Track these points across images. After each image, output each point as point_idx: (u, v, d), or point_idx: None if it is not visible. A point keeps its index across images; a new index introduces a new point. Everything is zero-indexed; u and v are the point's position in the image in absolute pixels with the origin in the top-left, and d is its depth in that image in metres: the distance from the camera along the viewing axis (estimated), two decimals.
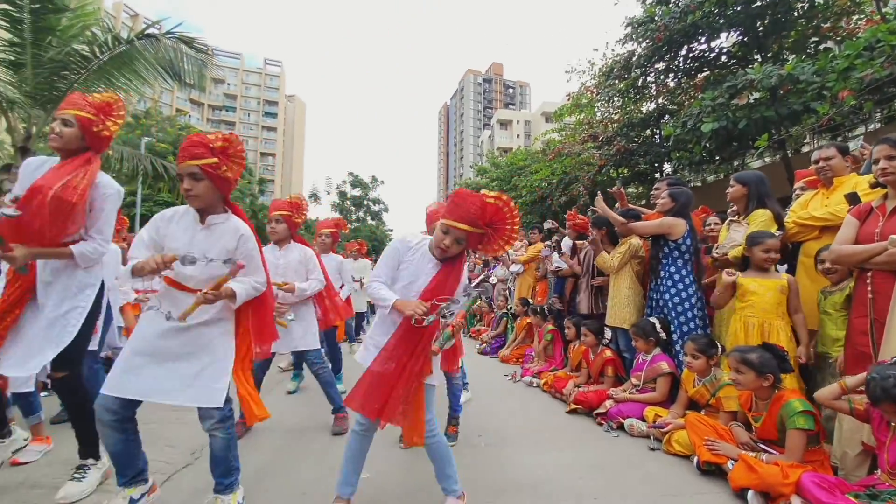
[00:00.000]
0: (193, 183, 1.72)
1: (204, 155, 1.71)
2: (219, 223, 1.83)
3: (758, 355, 2.21)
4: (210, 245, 1.80)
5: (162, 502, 1.95)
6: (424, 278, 1.83)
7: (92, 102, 2.03)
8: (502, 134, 56.48)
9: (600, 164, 10.72)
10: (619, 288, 3.61)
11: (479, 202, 1.72)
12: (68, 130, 1.97)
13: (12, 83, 6.59)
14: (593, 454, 2.58)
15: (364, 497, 1.93)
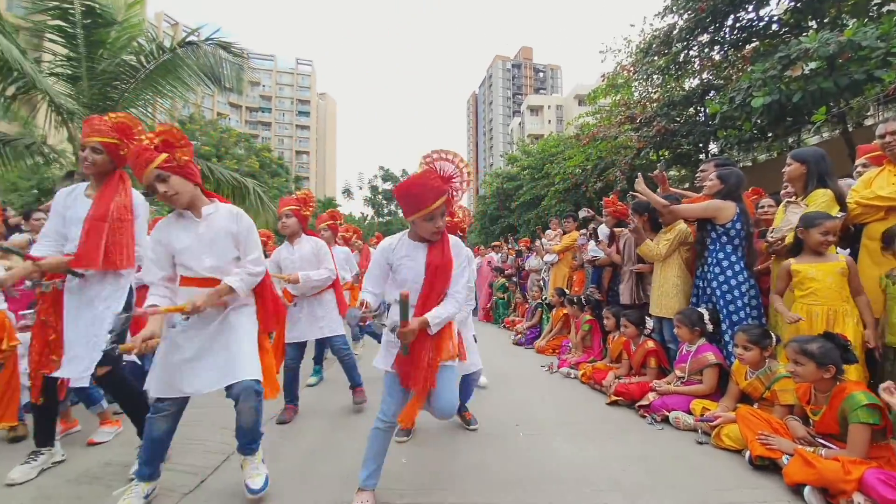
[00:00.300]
0: (165, 184, 1.80)
1: (153, 158, 1.77)
2: (212, 212, 1.94)
3: (818, 345, 2.07)
4: (214, 234, 1.90)
5: (221, 481, 2.11)
6: (422, 264, 1.83)
7: (113, 126, 2.17)
8: (533, 120, 55.17)
9: (639, 147, 10.26)
10: (666, 276, 3.44)
11: (433, 173, 1.78)
12: (99, 157, 2.16)
13: (71, 95, 7.10)
14: (636, 447, 2.52)
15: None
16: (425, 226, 1.78)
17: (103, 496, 1.98)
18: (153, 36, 7.36)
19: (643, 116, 10.35)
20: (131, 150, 1.84)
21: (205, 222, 1.91)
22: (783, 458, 2.05)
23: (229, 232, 1.92)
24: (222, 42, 7.23)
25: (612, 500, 1.95)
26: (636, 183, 3.41)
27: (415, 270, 1.84)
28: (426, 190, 1.73)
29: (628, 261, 4.16)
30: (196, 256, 1.87)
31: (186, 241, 1.87)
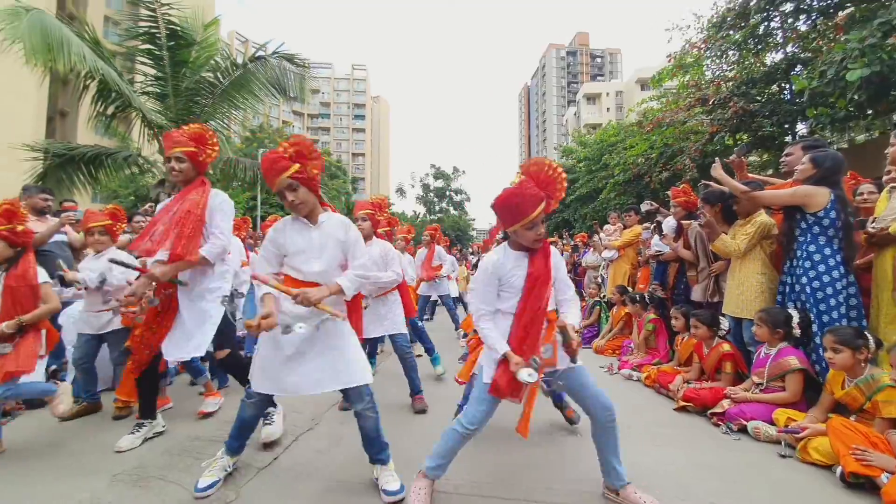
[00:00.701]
0: (294, 194, 1.91)
1: (287, 167, 1.86)
2: (325, 220, 2.03)
3: None
4: (325, 240, 1.99)
5: (292, 458, 2.31)
6: (521, 274, 1.84)
7: (191, 136, 2.41)
8: (589, 109, 52.77)
9: (711, 132, 9.45)
10: (749, 273, 3.12)
11: (527, 183, 1.78)
12: (183, 165, 2.41)
13: (159, 111, 7.95)
14: (709, 455, 2.36)
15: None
16: (527, 234, 1.79)
17: (191, 467, 2.21)
18: (227, 54, 8.05)
19: (717, 97, 9.46)
20: (267, 156, 1.93)
21: (318, 229, 2.01)
22: (882, 477, 1.82)
23: (339, 240, 2.01)
24: (286, 54, 7.73)
25: None
26: (713, 169, 3.13)
27: (520, 281, 1.86)
28: (525, 199, 1.75)
29: (703, 258, 3.84)
30: (307, 260, 1.97)
31: (300, 244, 1.98)
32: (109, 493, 1.97)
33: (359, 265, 2.01)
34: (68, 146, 7.65)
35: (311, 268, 1.96)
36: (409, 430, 2.76)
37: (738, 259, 3.21)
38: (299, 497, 1.95)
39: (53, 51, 5.76)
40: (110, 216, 3.19)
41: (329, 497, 1.97)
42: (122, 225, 3.35)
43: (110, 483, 2.05)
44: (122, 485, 2.04)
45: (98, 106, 7.33)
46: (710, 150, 9.54)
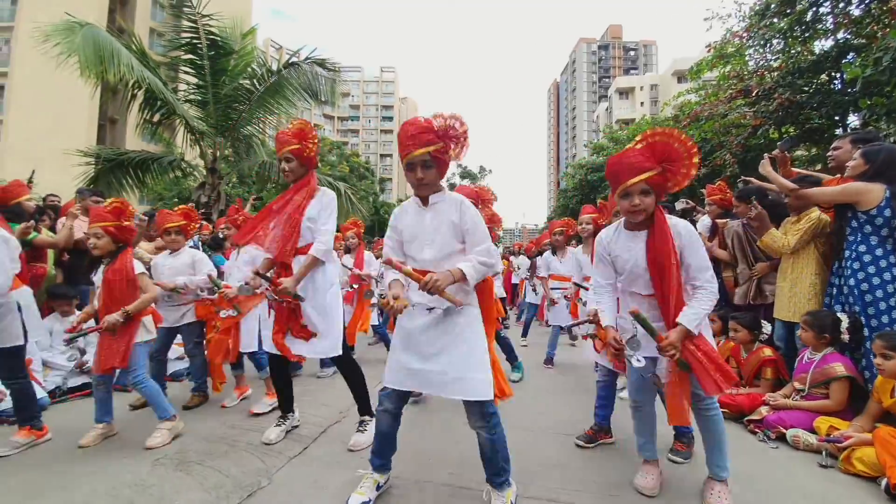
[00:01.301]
0: (425, 171, 1.71)
1: (432, 141, 1.67)
2: (439, 201, 1.81)
3: None
4: (437, 224, 1.79)
5: (322, 449, 2.40)
6: (642, 257, 1.77)
7: (293, 133, 2.46)
8: (622, 104, 51.22)
9: (754, 125, 8.96)
10: (801, 275, 2.96)
11: (637, 150, 1.71)
12: (292, 165, 2.44)
13: (200, 118, 8.38)
14: (744, 464, 2.25)
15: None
16: (622, 203, 1.74)
17: (228, 453, 2.35)
18: (263, 61, 8.39)
19: (761, 88, 8.97)
20: (409, 126, 1.72)
21: (430, 211, 1.81)
22: None
23: (452, 222, 1.76)
24: (318, 59, 7.99)
25: None
26: (761, 165, 3.02)
27: (636, 262, 1.79)
28: (622, 168, 1.71)
29: (741, 258, 3.67)
30: (419, 247, 1.81)
31: (412, 230, 1.83)
32: (152, 475, 2.11)
33: (481, 251, 1.73)
34: (118, 151, 8.22)
35: (422, 255, 1.78)
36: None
37: (790, 259, 3.04)
38: (329, 486, 2.02)
39: (105, 62, 6.20)
40: (184, 216, 3.39)
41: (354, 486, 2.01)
42: (194, 225, 3.54)
43: (153, 467, 2.20)
44: (164, 468, 2.18)
45: (145, 114, 7.83)
46: (752, 145, 9.07)
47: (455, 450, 2.39)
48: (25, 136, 19.46)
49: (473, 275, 1.68)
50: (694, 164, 1.69)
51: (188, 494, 1.93)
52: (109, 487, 1.97)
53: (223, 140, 8.57)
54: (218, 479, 2.05)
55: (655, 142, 1.71)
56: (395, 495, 1.95)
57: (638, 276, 1.80)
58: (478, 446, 1.79)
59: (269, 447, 2.43)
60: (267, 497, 1.93)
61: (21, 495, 1.92)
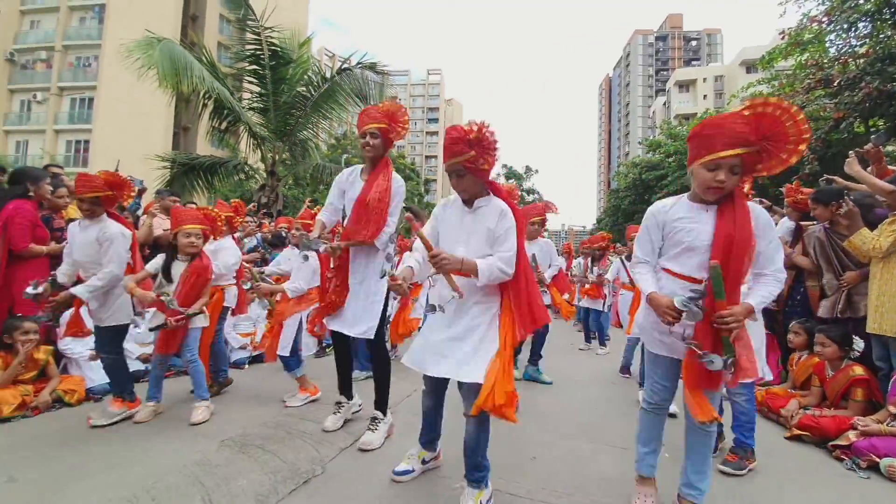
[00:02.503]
0: (458, 180, 1.80)
1: (463, 151, 1.72)
2: (482, 206, 1.84)
3: None
4: (475, 226, 1.84)
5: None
6: (707, 232, 1.59)
7: (384, 112, 2.49)
8: (681, 98, 48.32)
9: (836, 118, 8.12)
10: (890, 282, 2.64)
11: (741, 118, 1.52)
12: (376, 141, 2.43)
13: (261, 124, 8.89)
14: (823, 493, 2.05)
15: None
16: (703, 175, 1.56)
17: (285, 439, 2.46)
18: (318, 69, 8.76)
19: (844, 77, 8.13)
20: (449, 133, 1.78)
21: (472, 214, 1.86)
22: None
23: (487, 227, 1.80)
24: (368, 63, 8.21)
25: None
26: (847, 164, 2.69)
27: (699, 237, 1.60)
28: (721, 132, 1.51)
29: (825, 267, 3.30)
30: (452, 244, 1.84)
31: (451, 226, 1.90)
32: (218, 455, 2.23)
33: (505, 257, 1.74)
34: (190, 156, 8.89)
35: (455, 250, 1.80)
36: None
37: (880, 264, 2.72)
38: (376, 478, 2.06)
39: (180, 74, 6.74)
40: (234, 210, 3.71)
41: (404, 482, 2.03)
42: (240, 219, 3.83)
43: (219, 447, 2.33)
44: (229, 450, 2.31)
45: (214, 121, 8.42)
46: (834, 140, 8.21)
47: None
48: (110, 144, 21.68)
49: (486, 272, 1.70)
50: (799, 151, 1.49)
51: (250, 476, 2.02)
52: (180, 465, 2.10)
53: (281, 144, 9.04)
54: (276, 465, 2.14)
55: (766, 113, 1.49)
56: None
57: (696, 254, 1.61)
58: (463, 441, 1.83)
59: (324, 436, 2.50)
60: (320, 484, 2.00)
61: (103, 464, 2.10)
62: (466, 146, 1.71)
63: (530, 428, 2.74)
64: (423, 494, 1.95)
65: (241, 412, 2.90)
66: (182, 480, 1.96)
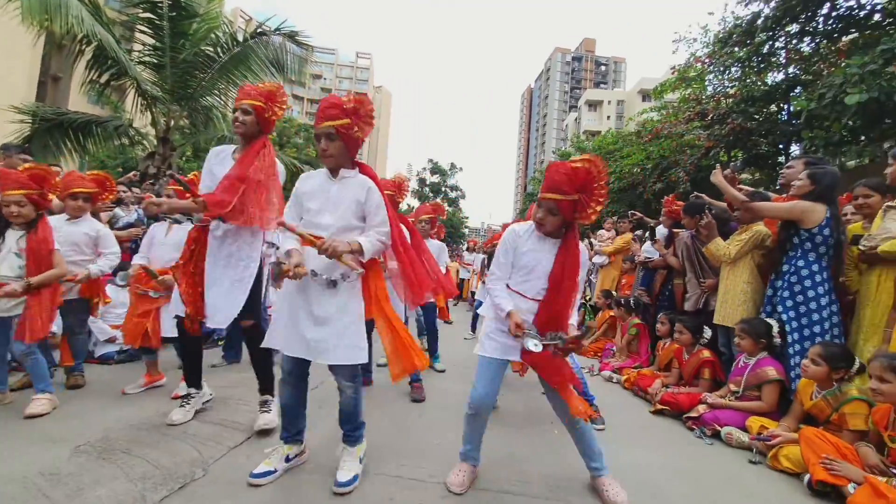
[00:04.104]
0: (329, 143, 1.82)
1: (338, 116, 1.78)
2: (349, 177, 1.90)
3: None
4: (342, 196, 1.87)
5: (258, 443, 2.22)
6: (546, 262, 1.85)
7: (261, 91, 2.32)
8: (590, 116, 53.04)
9: (707, 147, 9.51)
10: (735, 282, 3.15)
11: (566, 168, 1.75)
12: (248, 118, 2.29)
13: (155, 82, 7.78)
14: (681, 459, 2.37)
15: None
16: (536, 209, 1.84)
17: (159, 442, 2.17)
18: (228, 28, 7.90)
19: (716, 113, 9.49)
20: (325, 100, 1.84)
21: (338, 184, 1.89)
22: (849, 486, 1.85)
23: (357, 201, 1.86)
24: (289, 32, 7.61)
25: None
26: (713, 175, 3.12)
27: (535, 263, 1.86)
28: (547, 178, 1.77)
29: (688, 267, 3.86)
30: (319, 213, 1.86)
31: (317, 196, 1.89)
32: (70, 463, 1.91)
33: (382, 231, 1.85)
34: (57, 111, 7.47)
35: (322, 220, 1.84)
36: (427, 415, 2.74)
37: (728, 267, 3.23)
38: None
39: (51, 11, 5.61)
40: (98, 183, 3.08)
41: (295, 480, 1.93)
42: (107, 194, 3.26)
43: (72, 454, 2.00)
44: (85, 456, 1.99)
45: (92, 73, 7.17)
46: (704, 165, 9.60)
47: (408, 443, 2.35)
48: None
49: (370, 248, 1.80)
50: (596, 212, 1.73)
51: (111, 484, 1.75)
52: (20, 476, 1.76)
53: (178, 108, 8.00)
54: (146, 470, 1.88)
55: (583, 168, 1.71)
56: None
57: (536, 278, 1.86)
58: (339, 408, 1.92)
59: (210, 436, 2.26)
60: (201, 489, 1.80)
61: None
62: (342, 113, 1.78)
63: (434, 414, 2.79)
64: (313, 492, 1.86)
65: (105, 413, 2.52)
66: (21, 493, 1.65)
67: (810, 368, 2.34)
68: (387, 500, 1.80)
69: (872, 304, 2.56)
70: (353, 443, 1.95)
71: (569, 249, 1.83)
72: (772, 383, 2.67)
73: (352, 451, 1.94)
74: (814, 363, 2.33)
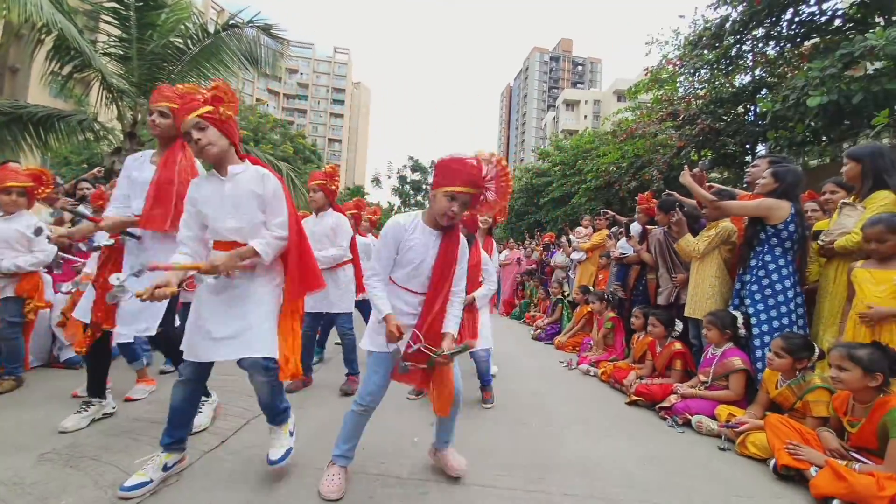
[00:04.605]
0: (202, 133, 1.74)
1: (197, 106, 1.74)
2: (240, 172, 1.82)
3: (868, 352, 1.97)
4: (238, 192, 1.79)
5: (233, 447, 2.19)
6: (431, 255, 1.80)
7: (178, 93, 2.22)
8: (568, 115, 53.86)
9: (679, 146, 9.80)
10: (704, 276, 3.27)
11: (477, 161, 1.73)
12: (165, 121, 2.26)
13: (121, 75, 7.46)
14: (654, 447, 2.45)
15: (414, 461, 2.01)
16: (441, 204, 1.72)
17: (129, 448, 2.10)
18: (199, 20, 7.63)
19: (687, 114, 9.81)
20: (180, 96, 1.82)
21: (231, 182, 1.80)
22: (811, 470, 1.94)
23: (254, 193, 1.79)
24: (263, 24, 7.41)
25: (624, 496, 1.90)
26: (682, 175, 3.24)
27: (422, 257, 1.79)
28: (463, 171, 1.71)
29: (661, 263, 3.98)
30: (220, 217, 1.79)
31: (212, 201, 1.80)
32: (35, 472, 1.83)
33: (278, 224, 1.81)
34: (15, 104, 7.07)
35: (225, 224, 1.78)
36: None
37: (697, 262, 3.35)
38: (249, 480, 1.88)
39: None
40: (34, 178, 2.94)
41: (273, 484, 1.89)
42: (45, 189, 3.09)
43: (37, 462, 1.91)
44: (50, 464, 1.91)
45: (53, 64, 6.82)
46: (676, 164, 9.87)
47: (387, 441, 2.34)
48: None
49: (268, 251, 1.77)
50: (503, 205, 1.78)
51: (80, 493, 1.70)
52: None
53: (146, 102, 7.70)
54: (116, 477, 1.82)
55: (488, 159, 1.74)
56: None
57: (421, 272, 1.80)
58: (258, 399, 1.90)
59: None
60: (174, 494, 1.75)
61: None
62: (199, 102, 1.74)
63: (411, 415, 2.79)
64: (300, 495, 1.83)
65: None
66: None
67: (775, 361, 2.44)
68: (366, 499, 1.79)
69: (830, 297, 2.70)
70: (277, 423, 1.94)
71: (453, 237, 1.81)
72: (738, 372, 2.78)
73: (279, 429, 1.93)
74: (778, 356, 2.43)
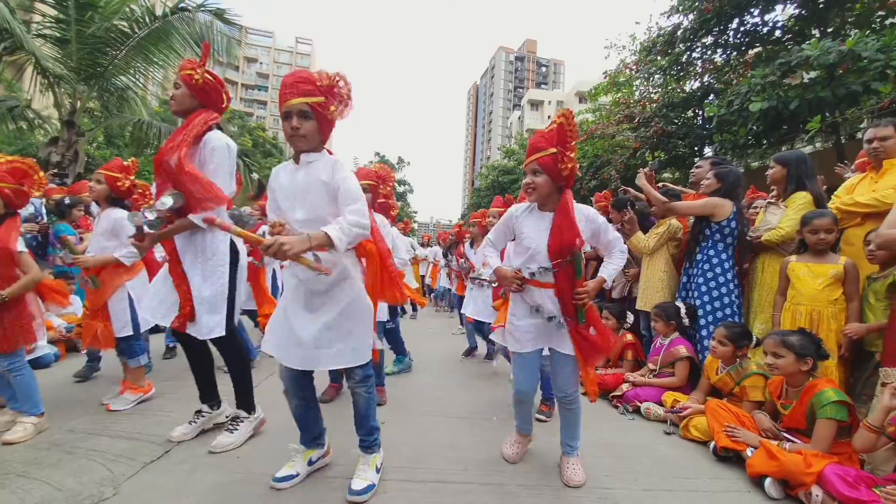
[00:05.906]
0: (302, 121, 1.61)
1: (313, 92, 1.60)
2: (314, 160, 1.70)
3: (798, 338, 2.13)
4: (308, 182, 1.68)
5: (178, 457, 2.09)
6: (545, 233, 1.86)
7: (192, 61, 2.12)
8: (532, 115, 54.97)
9: (635, 147, 10.25)
10: (654, 271, 3.45)
11: (542, 132, 1.86)
12: (178, 92, 2.09)
13: (58, 59, 6.90)
14: (606, 434, 2.54)
15: None
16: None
17: (61, 462, 1.96)
18: (146, 2, 7.17)
19: (642, 116, 10.29)
20: (292, 74, 1.63)
21: (303, 170, 1.70)
22: (748, 451, 2.08)
23: (323, 182, 1.65)
24: (216, 9, 7.05)
25: None
26: (637, 178, 3.39)
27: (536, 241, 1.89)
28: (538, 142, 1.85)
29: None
30: (291, 208, 1.70)
31: (286, 189, 1.72)
32: None
33: (353, 210, 1.61)
34: None
35: (294, 215, 1.68)
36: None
37: (648, 258, 3.53)
38: (195, 492, 1.78)
39: None
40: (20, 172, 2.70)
41: (224, 491, 1.81)
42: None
43: None
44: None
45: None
46: (632, 164, 10.33)
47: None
48: None
49: (343, 238, 1.53)
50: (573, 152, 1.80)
51: None
52: None
53: (87, 89, 7.17)
54: (45, 494, 1.69)
55: (555, 126, 1.83)
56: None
57: (537, 255, 1.87)
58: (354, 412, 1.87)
59: (123, 451, 2.06)
60: None
61: None
62: (315, 88, 1.61)
63: (445, 420, 2.74)
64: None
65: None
66: None
67: (718, 349, 2.60)
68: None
69: (759, 286, 2.93)
70: (368, 450, 1.88)
71: (565, 214, 1.81)
72: (683, 360, 2.94)
73: (367, 458, 1.87)
74: (721, 344, 2.59)
